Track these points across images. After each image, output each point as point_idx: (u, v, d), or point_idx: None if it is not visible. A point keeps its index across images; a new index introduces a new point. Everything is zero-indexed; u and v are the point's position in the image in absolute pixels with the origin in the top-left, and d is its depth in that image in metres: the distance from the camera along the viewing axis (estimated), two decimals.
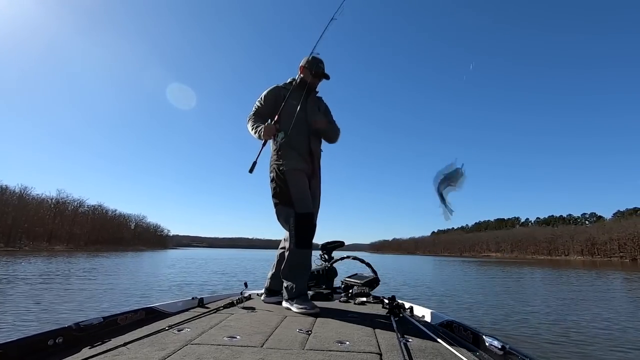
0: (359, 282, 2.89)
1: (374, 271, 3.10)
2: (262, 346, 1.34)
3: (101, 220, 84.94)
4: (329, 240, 3.24)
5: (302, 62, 2.51)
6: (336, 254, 3.24)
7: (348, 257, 3.39)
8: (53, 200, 74.02)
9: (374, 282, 2.93)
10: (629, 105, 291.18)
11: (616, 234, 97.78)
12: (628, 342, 4.97)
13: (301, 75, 2.49)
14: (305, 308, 2.02)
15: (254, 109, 2.50)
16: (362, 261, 3.28)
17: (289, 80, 2.55)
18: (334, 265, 3.12)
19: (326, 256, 3.16)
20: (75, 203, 79.37)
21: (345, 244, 3.53)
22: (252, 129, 2.39)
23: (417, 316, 2.18)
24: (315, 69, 2.45)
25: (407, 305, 2.38)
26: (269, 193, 2.35)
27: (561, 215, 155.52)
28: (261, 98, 2.48)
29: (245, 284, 2.65)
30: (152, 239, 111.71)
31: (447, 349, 1.36)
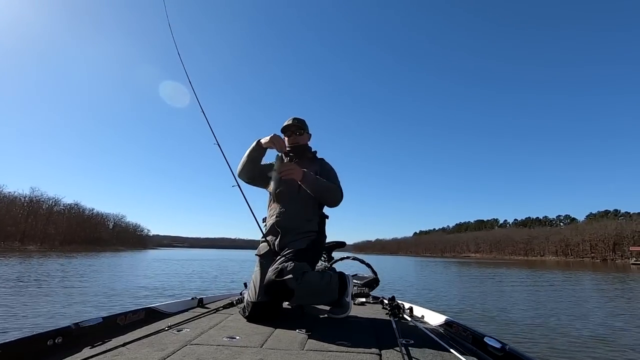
0: (358, 282, 2.91)
1: (373, 271, 3.12)
2: (261, 346, 1.33)
3: (77, 219, 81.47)
4: (329, 241, 3.25)
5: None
6: (336, 255, 3.25)
7: (348, 257, 3.37)
8: (26, 199, 70.61)
9: (373, 282, 2.95)
10: (607, 108, 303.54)
11: (588, 236, 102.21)
12: (625, 342, 5.02)
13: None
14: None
15: None
16: (362, 261, 3.28)
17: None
18: (334, 265, 3.10)
19: (326, 256, 3.17)
20: (50, 202, 75.90)
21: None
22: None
23: (417, 316, 2.20)
24: (284, 132, 2.30)
25: (406, 305, 2.39)
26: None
27: (537, 217, 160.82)
28: None
29: (245, 285, 2.62)
30: (131, 239, 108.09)
31: (447, 349, 1.36)
